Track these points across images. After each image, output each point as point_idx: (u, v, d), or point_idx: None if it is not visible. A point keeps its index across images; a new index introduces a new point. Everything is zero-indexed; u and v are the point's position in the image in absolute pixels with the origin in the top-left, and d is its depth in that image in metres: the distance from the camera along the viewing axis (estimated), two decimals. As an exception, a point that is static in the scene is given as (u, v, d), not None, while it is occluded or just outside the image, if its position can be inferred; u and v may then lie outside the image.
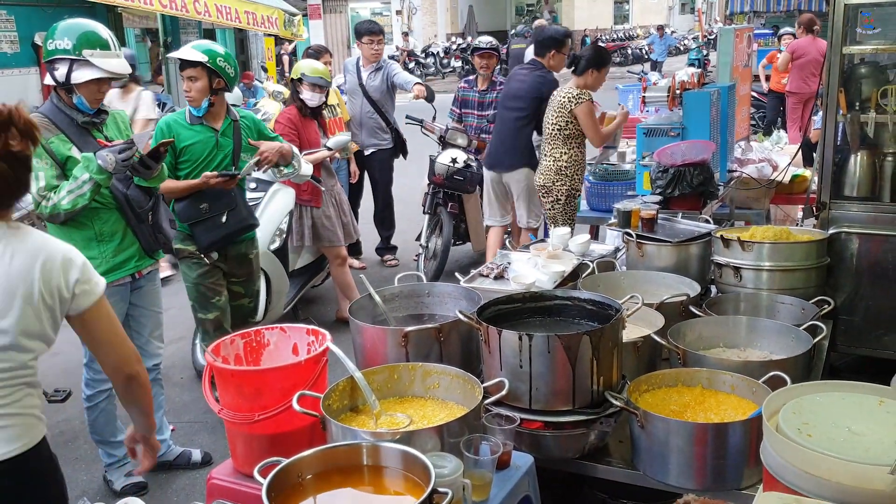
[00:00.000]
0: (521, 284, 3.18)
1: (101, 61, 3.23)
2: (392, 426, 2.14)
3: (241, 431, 2.32)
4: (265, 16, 10.77)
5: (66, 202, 3.19)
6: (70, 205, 3.20)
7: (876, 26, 3.85)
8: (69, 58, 3.20)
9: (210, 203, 3.88)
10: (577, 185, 5.26)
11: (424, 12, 28.46)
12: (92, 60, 3.21)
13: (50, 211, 3.20)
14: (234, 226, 3.97)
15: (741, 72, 5.95)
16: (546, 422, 2.39)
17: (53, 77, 3.26)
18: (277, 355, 2.55)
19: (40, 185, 3.18)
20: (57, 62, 3.23)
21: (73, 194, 3.19)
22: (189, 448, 4.00)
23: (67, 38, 3.20)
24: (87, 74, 3.22)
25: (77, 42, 3.20)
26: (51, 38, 3.23)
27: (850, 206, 3.76)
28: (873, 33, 3.81)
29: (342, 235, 5.49)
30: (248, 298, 4.24)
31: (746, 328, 2.93)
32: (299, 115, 5.20)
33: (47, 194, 3.19)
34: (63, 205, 3.19)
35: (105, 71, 3.24)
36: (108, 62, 3.26)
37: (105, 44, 3.28)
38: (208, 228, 3.90)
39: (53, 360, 4.75)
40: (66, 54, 3.20)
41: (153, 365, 3.76)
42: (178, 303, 5.89)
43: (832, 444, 1.80)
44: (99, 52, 3.24)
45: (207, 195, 3.88)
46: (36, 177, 3.16)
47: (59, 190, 3.20)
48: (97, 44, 3.25)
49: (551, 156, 5.18)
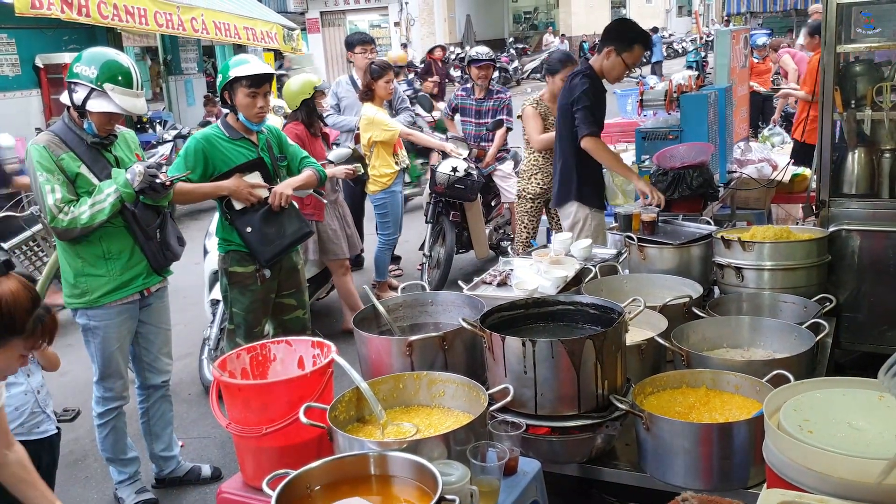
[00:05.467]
0: (524, 291, 3.20)
1: (120, 98, 3.26)
2: (399, 435, 2.16)
3: (250, 445, 2.34)
4: (264, 31, 10.84)
5: (85, 216, 3.22)
6: (89, 219, 3.22)
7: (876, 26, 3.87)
8: (90, 86, 3.24)
9: (269, 216, 3.81)
10: (531, 189, 5.48)
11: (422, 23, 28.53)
12: (111, 95, 3.25)
13: (67, 224, 3.22)
14: (293, 235, 3.89)
15: (738, 73, 5.98)
16: (552, 427, 2.41)
17: (71, 98, 3.29)
18: (284, 368, 2.58)
19: (57, 198, 3.20)
20: (78, 86, 3.27)
21: (94, 208, 3.23)
22: (199, 463, 4.01)
23: (94, 67, 3.24)
24: (102, 106, 3.26)
25: (101, 73, 3.24)
26: (78, 62, 3.28)
27: (850, 204, 3.77)
28: (873, 33, 3.83)
29: (346, 248, 5.52)
30: (302, 310, 4.16)
31: (749, 328, 2.94)
32: (307, 133, 5.23)
33: (64, 207, 3.21)
34: (82, 219, 3.22)
35: (120, 108, 3.27)
36: (126, 100, 3.29)
37: (129, 81, 3.31)
38: (269, 241, 3.80)
39: (62, 379, 4.78)
40: (87, 81, 3.24)
41: (162, 381, 3.79)
42: (185, 319, 5.92)
43: (833, 440, 1.81)
44: (120, 88, 3.27)
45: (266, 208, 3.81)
46: (52, 189, 3.20)
47: (80, 203, 3.23)
48: (121, 80, 3.28)
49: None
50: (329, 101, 6.99)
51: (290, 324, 4.09)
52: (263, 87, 3.74)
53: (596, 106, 4.32)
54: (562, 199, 4.61)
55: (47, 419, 3.22)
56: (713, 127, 5.01)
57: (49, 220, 3.25)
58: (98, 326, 3.45)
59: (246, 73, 3.69)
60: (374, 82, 5.94)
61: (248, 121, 3.78)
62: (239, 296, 3.92)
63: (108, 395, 3.57)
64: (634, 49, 4.34)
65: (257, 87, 3.71)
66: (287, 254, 3.96)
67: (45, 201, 3.23)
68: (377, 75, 5.93)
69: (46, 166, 3.22)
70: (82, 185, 3.29)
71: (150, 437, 3.83)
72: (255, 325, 3.97)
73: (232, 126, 3.83)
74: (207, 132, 3.84)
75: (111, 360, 3.51)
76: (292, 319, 4.11)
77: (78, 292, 3.42)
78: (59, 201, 3.20)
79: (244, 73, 3.69)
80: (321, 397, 2.29)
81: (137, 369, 3.75)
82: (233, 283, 3.91)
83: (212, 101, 12.88)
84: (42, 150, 3.24)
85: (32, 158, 3.25)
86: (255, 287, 3.90)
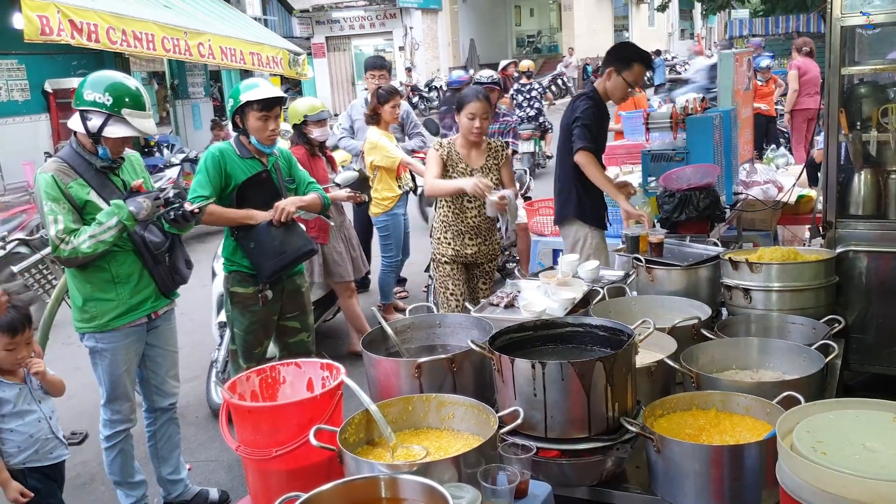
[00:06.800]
0: (532, 312, 3.19)
1: (137, 121, 3.31)
2: (409, 458, 2.15)
3: (259, 467, 2.33)
4: (270, 56, 10.93)
5: (86, 246, 3.24)
6: (90, 249, 3.24)
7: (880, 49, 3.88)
8: (106, 112, 3.27)
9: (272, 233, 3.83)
10: (443, 251, 4.46)
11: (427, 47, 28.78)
12: (129, 120, 3.29)
13: (68, 254, 3.25)
14: (295, 252, 3.91)
15: (742, 95, 6.01)
16: (562, 450, 2.39)
17: (85, 126, 3.31)
18: (293, 391, 2.57)
19: (59, 228, 3.22)
20: (92, 113, 3.29)
21: (94, 239, 3.24)
22: (206, 487, 4.00)
23: (108, 94, 3.27)
24: (120, 132, 3.30)
25: (116, 99, 3.27)
26: (89, 89, 3.29)
27: (857, 225, 3.77)
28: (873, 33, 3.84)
29: (352, 270, 5.54)
30: (306, 333, 4.18)
31: (758, 349, 2.93)
32: (308, 155, 5.26)
33: (66, 237, 3.24)
34: (83, 248, 3.24)
35: (138, 131, 3.31)
36: (142, 122, 3.34)
37: (142, 104, 3.36)
38: (270, 256, 3.83)
39: (69, 402, 4.76)
40: (103, 109, 3.27)
41: (169, 404, 3.78)
42: (193, 342, 5.92)
43: (847, 462, 1.80)
44: (137, 112, 3.32)
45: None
46: (55, 220, 3.22)
47: (80, 234, 3.25)
48: (135, 104, 3.32)
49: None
50: (343, 123, 7.06)
51: (294, 347, 4.10)
52: (274, 110, 3.80)
53: (595, 125, 4.37)
54: (562, 217, 4.64)
55: (59, 444, 3.23)
56: (719, 149, 5.03)
57: (52, 250, 3.29)
58: (106, 349, 3.46)
59: (257, 98, 3.73)
60: (380, 107, 5.99)
61: (260, 143, 3.82)
62: (239, 316, 3.95)
63: (115, 417, 3.57)
64: (634, 67, 4.40)
65: (268, 111, 3.77)
66: (289, 270, 3.97)
67: (48, 231, 3.25)
68: (384, 100, 5.97)
69: (53, 195, 3.24)
70: (91, 211, 3.31)
71: (157, 460, 3.82)
72: (254, 347, 3.98)
73: (244, 146, 3.89)
74: (222, 146, 3.90)
75: (118, 382, 3.51)
76: (296, 343, 4.13)
77: (87, 317, 3.43)
78: (62, 232, 3.23)
79: (255, 98, 3.73)
80: (330, 419, 2.28)
81: (145, 392, 3.75)
82: (234, 303, 3.94)
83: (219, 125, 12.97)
84: (49, 180, 3.26)
85: (40, 187, 3.28)
86: (256, 308, 3.92)
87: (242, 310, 3.93)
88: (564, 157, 4.51)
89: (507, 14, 36.06)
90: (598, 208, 4.64)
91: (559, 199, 4.65)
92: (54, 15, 7.38)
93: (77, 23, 7.63)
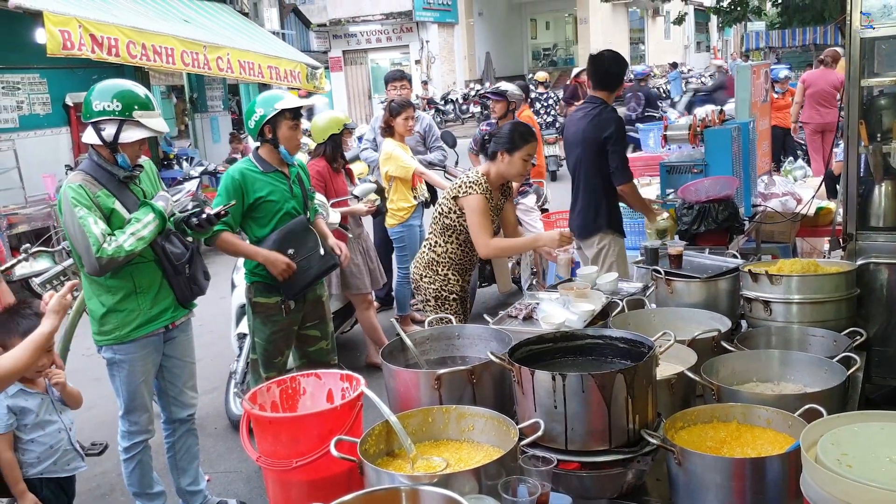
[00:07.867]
0: (551, 324, 3.19)
1: (150, 121, 3.36)
2: (429, 470, 2.15)
3: (280, 478, 2.34)
4: (288, 70, 11.02)
5: (128, 244, 3.26)
6: (132, 247, 3.27)
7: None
8: (118, 119, 3.31)
9: (297, 248, 3.89)
10: (450, 287, 4.08)
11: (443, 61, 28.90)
12: (142, 121, 3.33)
13: (112, 253, 3.23)
14: (320, 268, 3.96)
15: (759, 107, 5.98)
16: (583, 462, 2.38)
17: (100, 136, 3.34)
18: (313, 402, 2.59)
19: (102, 228, 3.25)
20: (104, 123, 3.32)
21: (135, 236, 3.28)
22: (225, 498, 4.01)
23: (116, 101, 3.31)
24: (136, 135, 3.34)
25: (126, 104, 3.31)
26: (96, 100, 3.32)
27: (877, 237, 3.74)
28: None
29: (369, 282, 5.55)
30: (326, 341, 4.22)
31: (779, 362, 2.91)
32: (329, 168, 5.29)
33: (107, 237, 3.26)
34: (126, 247, 3.26)
35: (152, 130, 3.36)
36: (155, 122, 3.39)
37: (149, 104, 3.40)
38: (296, 274, 3.88)
39: (88, 413, 4.80)
40: (115, 115, 3.30)
41: (188, 415, 3.80)
42: (212, 353, 5.95)
43: (873, 474, 1.78)
44: (147, 112, 3.36)
45: (293, 240, 3.89)
46: (95, 221, 3.25)
47: (121, 233, 3.28)
48: (143, 105, 3.36)
49: (427, 243, 4.17)
50: (367, 135, 7.12)
51: (314, 355, 4.12)
52: (300, 118, 3.93)
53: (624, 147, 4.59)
54: (589, 231, 4.69)
55: (77, 456, 3.26)
56: (737, 161, 5.01)
57: (95, 251, 3.21)
58: (124, 360, 3.48)
59: (290, 106, 3.83)
60: (392, 119, 6.04)
61: (288, 152, 3.89)
62: (261, 326, 3.97)
63: (133, 428, 3.59)
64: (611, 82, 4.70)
65: (298, 119, 3.90)
66: (312, 287, 4.00)
67: (89, 232, 3.22)
68: (396, 113, 6.03)
69: (85, 203, 3.27)
70: (116, 221, 3.34)
71: (176, 471, 3.84)
72: (275, 356, 4.00)
73: (264, 159, 3.92)
74: (240, 166, 3.93)
75: (136, 393, 3.53)
76: (317, 351, 4.15)
77: (107, 329, 3.46)
78: (105, 232, 3.25)
79: (288, 106, 3.82)
80: (351, 430, 2.29)
81: (163, 403, 3.77)
82: (257, 314, 3.97)
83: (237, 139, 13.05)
84: (79, 189, 3.29)
85: (68, 196, 3.29)
86: (279, 318, 3.94)
87: (265, 319, 3.95)
88: (591, 170, 4.61)
89: (523, 27, 36.14)
90: (620, 216, 4.83)
91: (588, 212, 4.70)
92: (76, 30, 7.49)
93: (98, 37, 7.74)
